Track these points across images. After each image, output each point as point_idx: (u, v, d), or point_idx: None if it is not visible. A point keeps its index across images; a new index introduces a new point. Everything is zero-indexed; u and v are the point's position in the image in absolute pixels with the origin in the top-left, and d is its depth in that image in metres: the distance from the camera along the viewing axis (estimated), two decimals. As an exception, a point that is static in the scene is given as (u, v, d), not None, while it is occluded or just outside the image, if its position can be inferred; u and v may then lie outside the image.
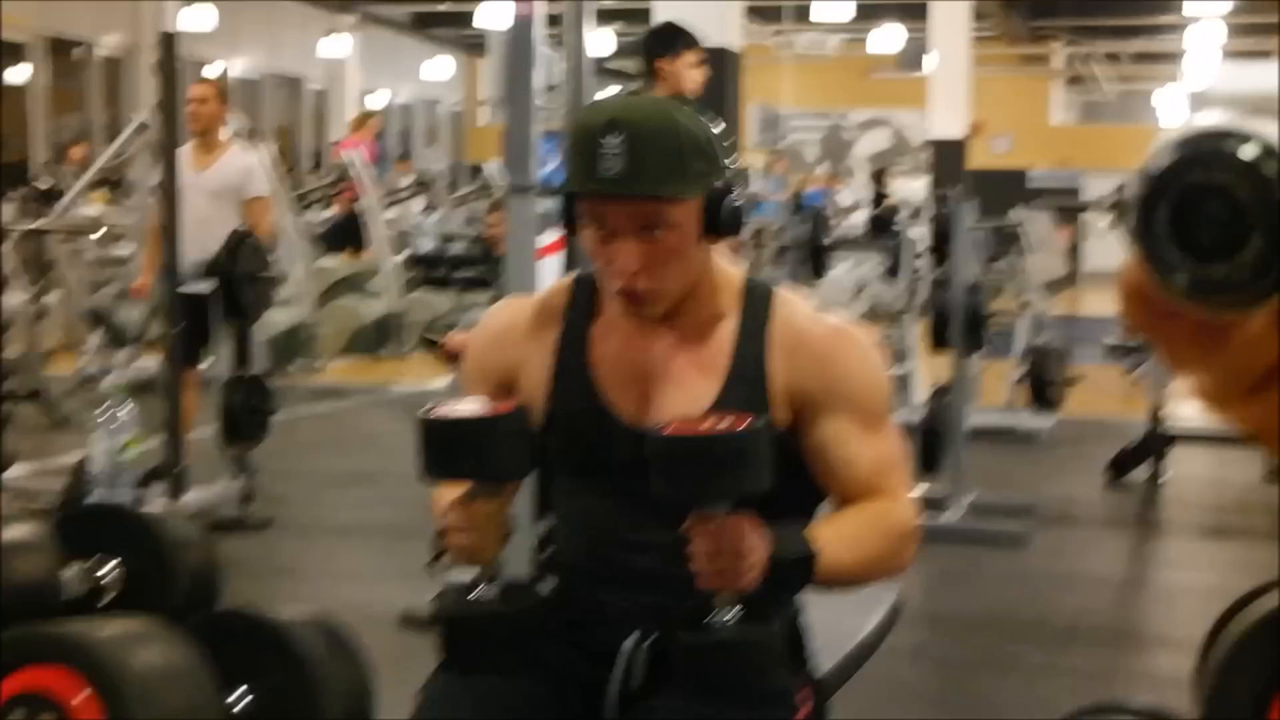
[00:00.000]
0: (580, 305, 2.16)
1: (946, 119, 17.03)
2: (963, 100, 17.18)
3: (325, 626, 1.68)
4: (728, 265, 2.17)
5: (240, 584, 5.38)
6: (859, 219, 16.09)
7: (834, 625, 2.65)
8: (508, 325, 2.19)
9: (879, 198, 14.69)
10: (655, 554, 2.04)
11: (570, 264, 3.78)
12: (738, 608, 1.93)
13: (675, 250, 2.02)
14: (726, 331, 2.10)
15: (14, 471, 5.52)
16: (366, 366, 11.23)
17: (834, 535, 2.03)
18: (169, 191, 5.83)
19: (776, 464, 1.94)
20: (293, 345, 10.64)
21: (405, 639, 3.99)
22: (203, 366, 6.33)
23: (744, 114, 10.42)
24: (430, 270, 10.50)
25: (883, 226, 10.57)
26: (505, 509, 2.05)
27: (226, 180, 6.46)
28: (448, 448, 2.01)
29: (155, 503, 5.40)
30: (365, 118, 14.47)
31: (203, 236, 6.16)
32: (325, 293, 11.72)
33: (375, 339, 11.63)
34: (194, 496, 5.82)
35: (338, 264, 12.48)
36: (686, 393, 2.05)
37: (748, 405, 1.99)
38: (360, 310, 11.73)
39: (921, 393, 7.33)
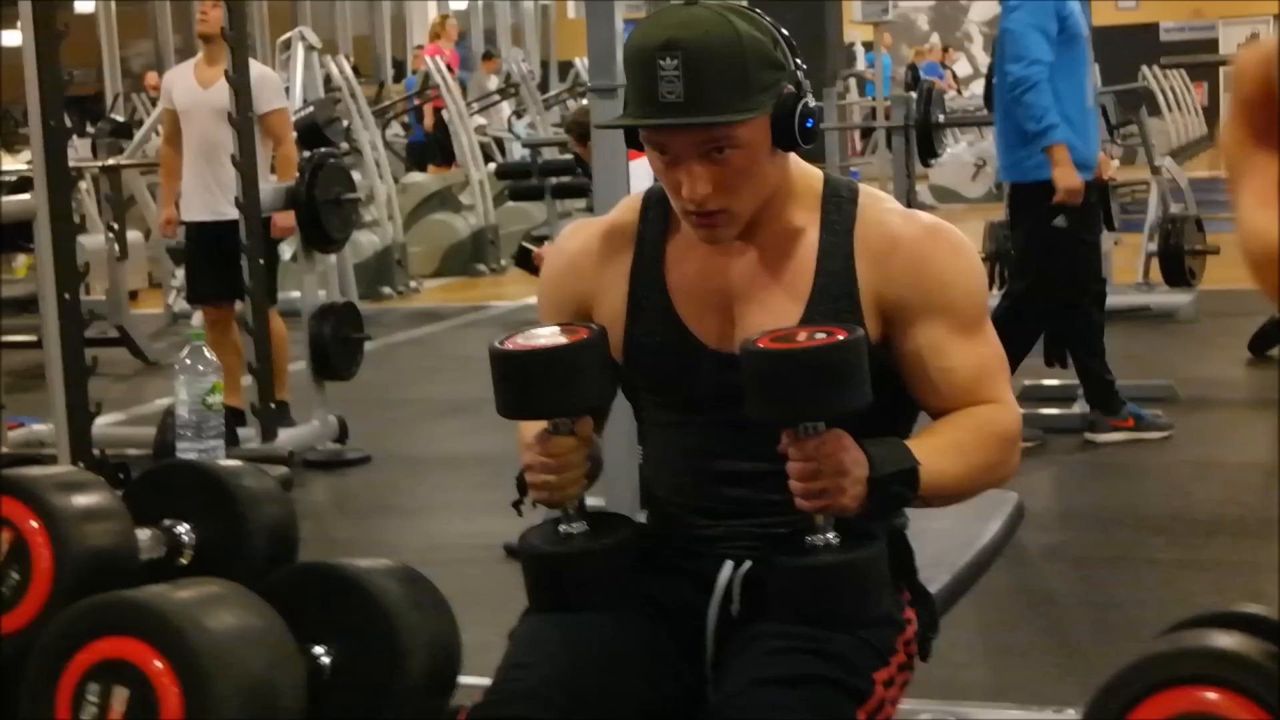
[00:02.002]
0: (653, 225, 2.16)
1: (1066, -25, 16.68)
2: (1083, -46, 16.81)
3: (407, 575, 1.74)
4: (806, 169, 2.17)
5: (340, 523, 5.54)
6: (977, 90, 15.89)
7: (950, 534, 2.69)
8: (580, 251, 2.20)
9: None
10: (749, 483, 2.07)
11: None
12: (836, 529, 1.96)
13: (745, 169, 2.01)
14: (809, 242, 2.10)
15: (103, 419, 5.67)
16: (461, 286, 11.34)
17: (935, 446, 2.04)
18: (244, 121, 5.92)
19: (870, 377, 1.96)
20: (383, 268, 10.77)
21: (512, 571, 4.07)
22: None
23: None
24: (521, 180, 10.55)
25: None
26: (588, 443, 2.08)
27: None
28: (521, 381, 2.04)
29: (244, 448, 5.56)
30: (443, 21, 14.48)
31: (210, 164, 6.16)
32: (414, 211, 11.84)
33: (469, 256, 11.74)
34: (288, 436, 5.95)
35: (425, 179, 12.59)
36: (770, 312, 2.06)
37: (836, 319, 1.99)
38: (452, 226, 11.84)
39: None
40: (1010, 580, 3.95)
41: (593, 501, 3.76)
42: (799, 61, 2.06)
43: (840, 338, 1.90)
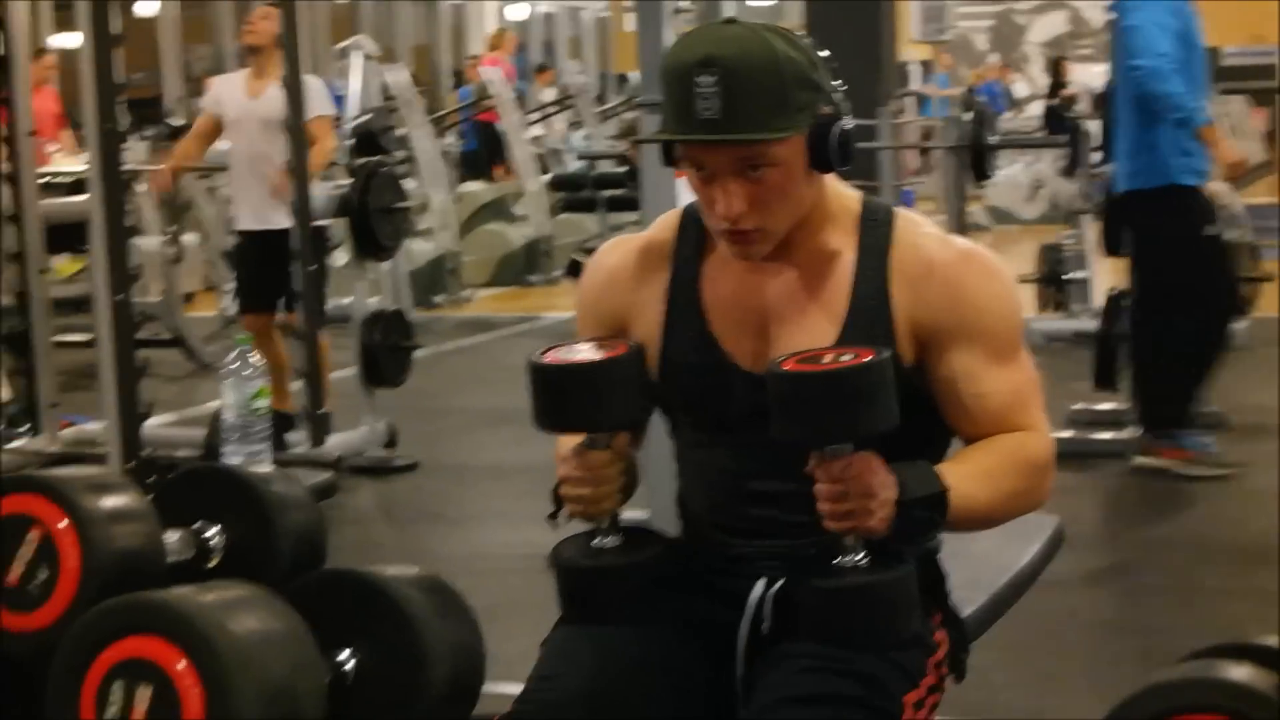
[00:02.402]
0: (689, 243, 2.17)
1: (1128, -2, 16.60)
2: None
3: (432, 584, 1.75)
4: (843, 191, 2.17)
5: (385, 529, 5.57)
6: (1035, 112, 15.85)
7: (988, 556, 2.67)
8: (617, 267, 2.21)
9: (1055, 87, 14.46)
10: (780, 503, 2.07)
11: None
12: (865, 551, 1.96)
13: (780, 188, 2.02)
14: (845, 264, 2.10)
15: (155, 420, 5.72)
16: (514, 296, 11.37)
17: (966, 471, 2.04)
18: (297, 127, 5.97)
19: (902, 401, 1.96)
20: (436, 277, 10.82)
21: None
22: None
23: (904, 5, 10.31)
24: (575, 191, 10.58)
25: (1060, 119, 10.41)
26: (622, 458, 2.09)
27: (281, 105, 6.02)
28: (558, 395, 2.05)
29: (292, 453, 5.60)
30: (501, 34, 14.56)
31: (255, 176, 6.18)
32: (468, 220, 11.88)
33: (522, 266, 11.77)
34: (337, 441, 5.98)
35: (480, 189, 12.64)
36: (805, 334, 2.06)
37: (870, 342, 1.99)
38: (506, 236, 11.88)
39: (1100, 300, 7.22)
40: (1052, 604, 3.93)
41: (635, 514, 3.77)
42: (837, 84, 2.06)
43: (866, 359, 1.90)
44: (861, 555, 1.96)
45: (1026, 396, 2.11)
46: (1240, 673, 1.41)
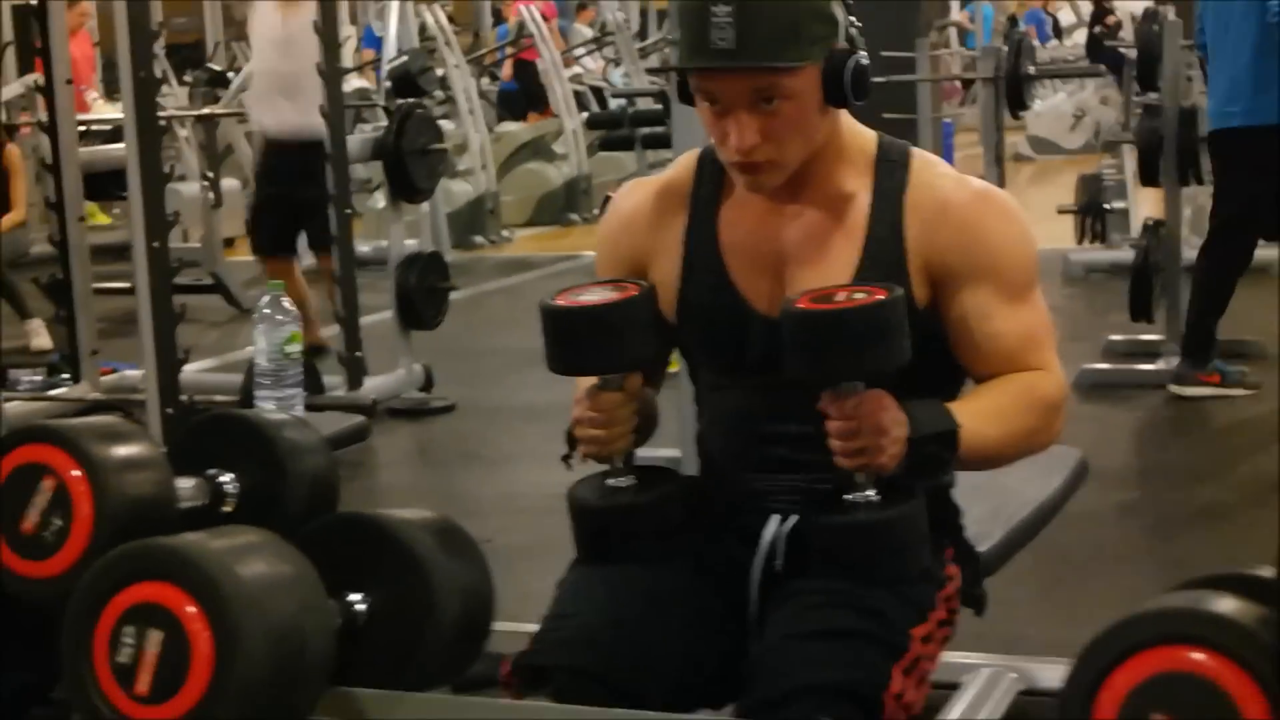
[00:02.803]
0: (707, 185, 2.20)
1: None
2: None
3: (441, 526, 1.79)
4: (859, 130, 2.18)
5: (423, 471, 5.62)
6: (1080, 40, 15.69)
7: (1009, 490, 2.70)
8: (635, 210, 2.24)
9: (1099, 14, 14.28)
10: (796, 444, 2.10)
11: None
12: (876, 487, 1.99)
13: (793, 121, 2.04)
14: (860, 205, 2.12)
15: (192, 366, 5.78)
16: (554, 236, 11.39)
17: (977, 410, 2.06)
18: (333, 71, 6.00)
19: (915, 342, 1.98)
20: (475, 217, 10.84)
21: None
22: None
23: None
24: (613, 130, 10.56)
25: (1101, 47, 10.32)
26: (635, 399, 2.12)
27: (303, 26, 6.20)
28: (568, 337, 2.09)
29: (329, 395, 5.64)
30: (539, -32, 14.48)
31: (283, 93, 6.36)
32: (507, 160, 11.89)
33: (562, 206, 11.78)
34: (373, 384, 6.04)
35: (519, 129, 12.64)
36: (821, 275, 2.08)
37: (884, 282, 2.00)
38: (545, 176, 11.89)
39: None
40: (1079, 537, 3.94)
41: (666, 453, 3.81)
42: (855, 20, 2.08)
43: (878, 298, 1.93)
44: (873, 492, 1.99)
45: (1039, 337, 2.14)
46: (1225, 603, 1.43)
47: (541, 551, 4.29)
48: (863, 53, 2.06)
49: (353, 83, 13.03)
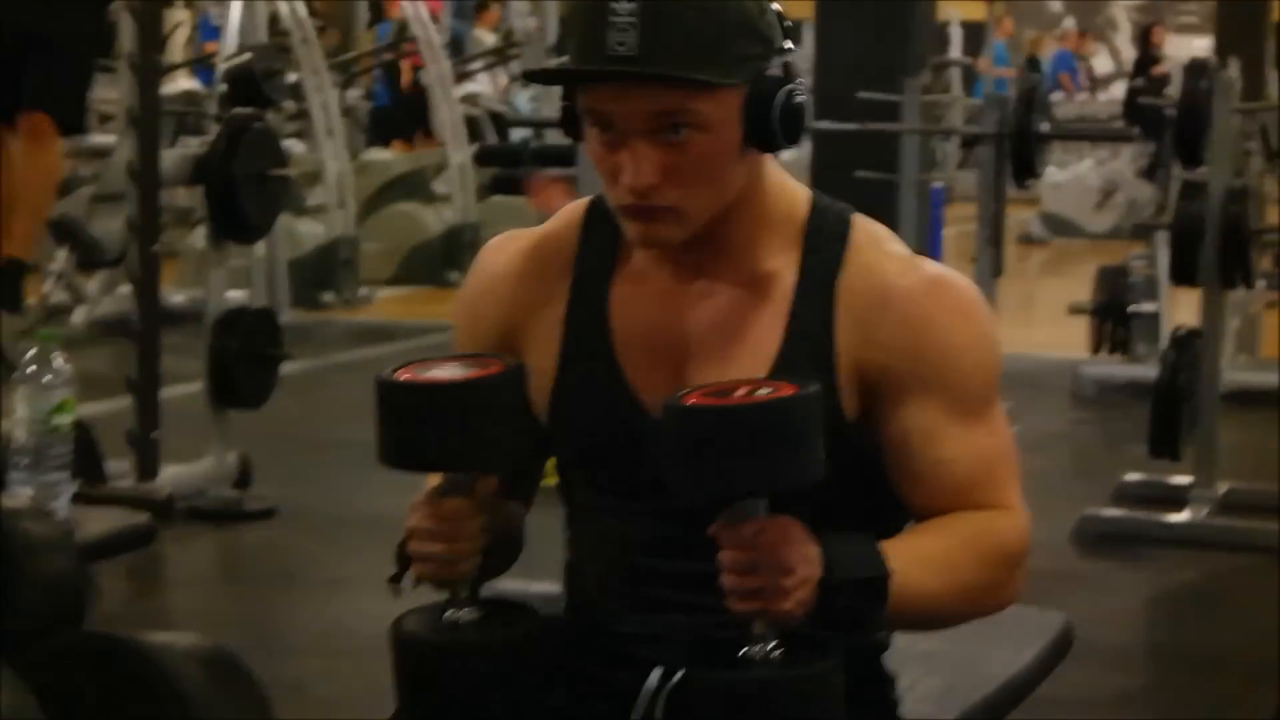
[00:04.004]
0: (597, 249, 2.22)
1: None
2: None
3: (215, 657, 1.80)
4: (790, 189, 2.20)
5: (224, 592, 5.60)
6: (1118, 93, 15.96)
7: (967, 661, 2.72)
8: (503, 274, 2.26)
9: (1143, 63, 14.56)
10: (692, 585, 2.11)
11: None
12: (778, 640, 2.02)
13: (704, 159, 2.05)
14: (783, 286, 2.15)
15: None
16: (425, 298, 11.39)
17: (915, 553, 2.09)
18: (148, 65, 6.02)
19: (844, 462, 2.02)
20: (326, 268, 10.84)
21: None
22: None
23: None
24: (510, 167, 10.64)
25: (1141, 105, 10.47)
26: (488, 509, 2.14)
27: None
28: (408, 422, 2.11)
29: (112, 487, 5.61)
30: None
31: None
32: (373, 197, 11.91)
33: (438, 260, 11.78)
34: (172, 475, 6.01)
35: (391, 158, 12.67)
36: (730, 374, 2.10)
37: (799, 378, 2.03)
38: (419, 221, 11.91)
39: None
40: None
41: (541, 588, 3.82)
42: (789, 44, 2.09)
43: (786, 394, 1.95)
44: (773, 645, 2.01)
45: (997, 467, 2.16)
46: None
47: (367, 703, 4.25)
48: (800, 82, 2.08)
49: (178, 83, 13.08)
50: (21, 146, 6.31)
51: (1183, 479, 6.20)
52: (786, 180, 2.21)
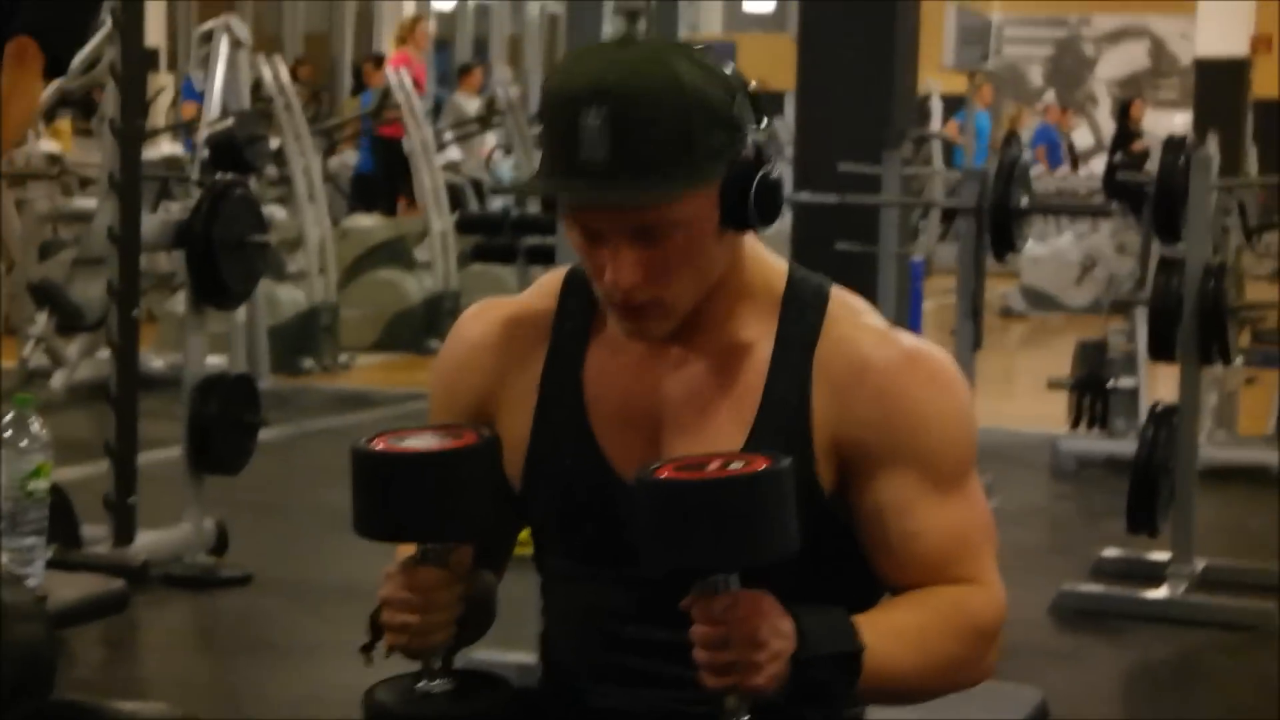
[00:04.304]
0: (574, 318, 2.24)
1: (1222, 28, 16.88)
2: (1246, 3, 17.01)
3: (184, 727, 1.80)
4: (767, 262, 2.22)
5: (198, 659, 5.58)
6: (1099, 168, 16.02)
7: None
8: (480, 342, 2.27)
9: (1123, 138, 14.64)
10: (665, 654, 2.13)
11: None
12: (749, 715, 2.02)
13: (685, 254, 2.08)
14: (759, 357, 2.17)
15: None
16: (406, 365, 11.41)
17: (889, 628, 2.10)
18: (130, 129, 6.04)
19: (817, 535, 2.03)
20: (306, 335, 10.84)
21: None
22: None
23: (938, 21, 10.44)
24: (491, 235, 10.65)
25: (1120, 181, 10.50)
26: (462, 579, 2.14)
27: None
28: (383, 492, 2.11)
29: (87, 552, 5.60)
30: (414, 22, 14.64)
31: None
32: (354, 264, 11.93)
33: (419, 328, 11.80)
34: (147, 541, 6.00)
35: (373, 225, 12.69)
36: (705, 444, 2.12)
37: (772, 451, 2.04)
38: (401, 289, 11.92)
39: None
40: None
41: (516, 659, 3.82)
42: (765, 121, 2.11)
43: (758, 469, 1.96)
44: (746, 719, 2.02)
45: (973, 541, 2.17)
46: None
47: (339, 773, 4.26)
48: (774, 163, 2.10)
49: (161, 147, 13.10)
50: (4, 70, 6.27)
51: (1161, 555, 6.20)
52: (763, 253, 2.23)
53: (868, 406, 2.13)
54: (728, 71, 2.10)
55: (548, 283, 2.31)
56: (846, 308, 2.21)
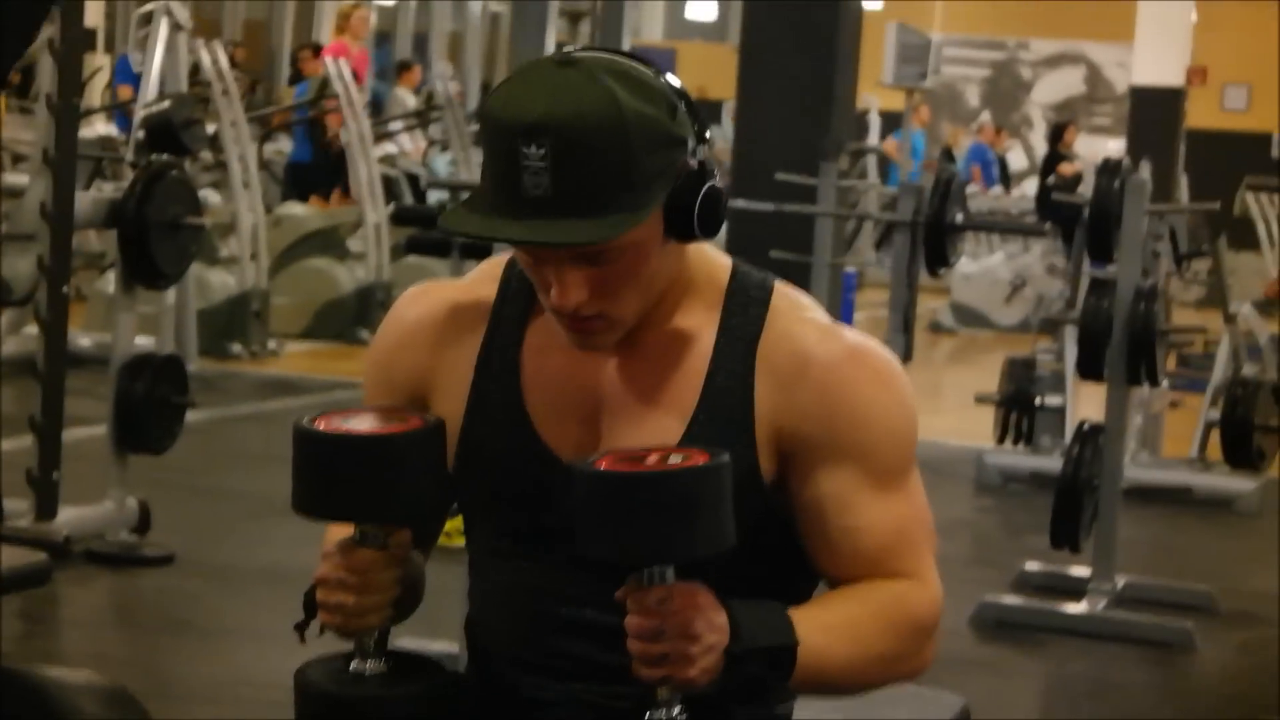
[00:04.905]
0: (514, 301, 2.22)
1: (1159, 58, 17.00)
2: (1184, 35, 17.14)
3: (112, 696, 1.78)
4: (710, 256, 2.21)
5: (117, 637, 5.54)
6: (1032, 190, 16.14)
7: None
8: (419, 324, 2.26)
9: (1054, 160, 14.75)
10: (596, 639, 2.12)
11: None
12: (682, 707, 2.01)
13: (630, 272, 2.08)
14: (702, 347, 2.16)
15: None
16: (334, 354, 11.38)
17: (825, 622, 2.09)
18: (67, 106, 6.00)
19: (756, 528, 2.03)
20: (235, 320, 10.80)
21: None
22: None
23: (879, 38, 10.48)
24: (425, 228, 10.63)
25: (1054, 202, 10.58)
26: (400, 562, 2.13)
27: None
28: (324, 472, 2.10)
29: (9, 526, 5.56)
30: (351, 10, 14.58)
31: None
32: (286, 251, 11.89)
33: (350, 318, 11.78)
34: (70, 516, 5.97)
35: (305, 213, 12.65)
36: (644, 430, 2.12)
37: (720, 447, 2.03)
38: (332, 278, 11.90)
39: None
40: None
41: (440, 648, 3.80)
42: (702, 129, 2.09)
43: (698, 463, 1.96)
44: (677, 711, 2.01)
45: (912, 536, 2.17)
46: None
47: (261, 758, 4.23)
48: (715, 173, 2.08)
49: (96, 127, 13.03)
50: None
51: (1082, 570, 6.25)
52: (706, 249, 2.22)
53: (810, 400, 2.13)
54: (668, 83, 2.08)
55: (488, 268, 2.29)
56: (790, 302, 2.20)
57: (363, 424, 2.12)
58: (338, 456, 2.10)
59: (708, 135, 2.10)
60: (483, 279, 2.28)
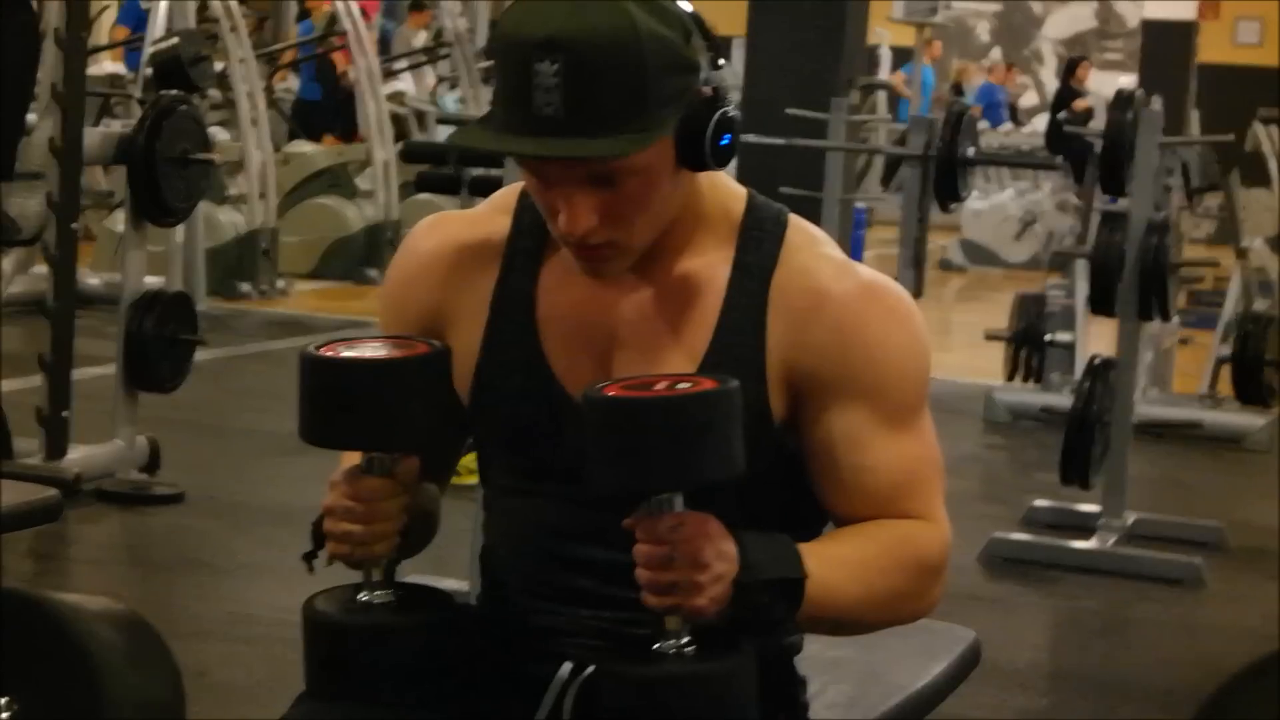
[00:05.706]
0: (527, 235, 2.21)
1: (1171, -7, 16.95)
2: (1196, -31, 17.07)
3: (127, 620, 1.79)
4: (726, 188, 2.20)
5: (129, 574, 5.56)
6: (1042, 127, 16.09)
7: (874, 670, 2.73)
8: (434, 256, 2.24)
9: (1066, 96, 14.68)
10: (606, 574, 2.12)
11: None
12: (691, 635, 2.01)
13: (640, 197, 2.06)
14: (716, 282, 2.14)
15: None
16: (343, 293, 11.39)
17: (834, 557, 2.08)
18: (75, 41, 6.00)
19: (768, 465, 2.02)
20: (244, 258, 10.80)
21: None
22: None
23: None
24: (435, 166, 10.61)
25: (1064, 136, 10.54)
26: (408, 490, 2.13)
27: None
28: (331, 399, 2.09)
29: (20, 464, 5.58)
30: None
31: None
32: (295, 189, 11.88)
33: (359, 257, 11.77)
34: (80, 455, 5.99)
35: (314, 151, 12.63)
36: (656, 366, 2.11)
37: (719, 374, 2.02)
38: (341, 216, 11.88)
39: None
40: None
41: (450, 584, 3.81)
42: (716, 57, 2.07)
43: (706, 388, 1.96)
44: (686, 640, 2.01)
45: (923, 476, 2.16)
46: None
47: (270, 690, 4.26)
48: (729, 101, 2.06)
49: (104, 65, 13.00)
50: None
51: (1091, 507, 6.27)
52: (722, 179, 2.20)
53: (824, 337, 2.11)
54: (682, 8, 2.06)
55: (500, 199, 2.28)
56: (806, 237, 2.18)
57: (367, 351, 2.11)
58: (342, 382, 2.09)
59: (720, 64, 2.09)
60: (495, 211, 2.26)
